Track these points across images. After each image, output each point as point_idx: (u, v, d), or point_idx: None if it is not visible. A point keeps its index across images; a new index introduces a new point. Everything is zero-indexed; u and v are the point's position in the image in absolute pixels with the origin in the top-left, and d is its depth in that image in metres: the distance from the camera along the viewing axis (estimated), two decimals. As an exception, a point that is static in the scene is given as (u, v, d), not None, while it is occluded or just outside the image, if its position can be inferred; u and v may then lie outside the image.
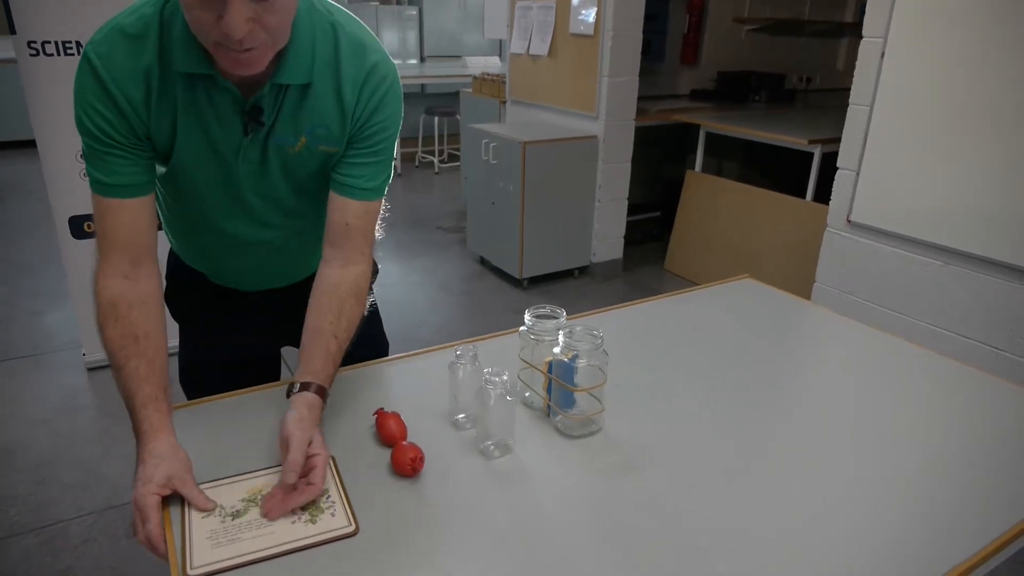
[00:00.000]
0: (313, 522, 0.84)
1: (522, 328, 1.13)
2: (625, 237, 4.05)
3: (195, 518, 0.84)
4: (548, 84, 3.98)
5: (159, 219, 1.10)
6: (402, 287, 3.83)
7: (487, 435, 1.01)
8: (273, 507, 0.85)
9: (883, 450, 1.03)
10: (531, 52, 3.99)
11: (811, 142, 3.21)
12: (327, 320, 1.03)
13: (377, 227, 1.12)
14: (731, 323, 1.47)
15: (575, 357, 1.03)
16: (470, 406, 1.06)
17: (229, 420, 1.08)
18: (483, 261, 4.14)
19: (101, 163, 0.94)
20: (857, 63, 2.39)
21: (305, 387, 0.97)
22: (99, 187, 0.95)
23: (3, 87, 5.97)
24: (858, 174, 2.44)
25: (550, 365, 1.06)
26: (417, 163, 6.92)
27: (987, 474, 0.98)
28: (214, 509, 0.86)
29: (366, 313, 1.11)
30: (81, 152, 0.97)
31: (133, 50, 0.91)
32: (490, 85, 4.73)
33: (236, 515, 0.85)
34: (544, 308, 1.14)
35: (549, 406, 1.09)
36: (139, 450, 0.89)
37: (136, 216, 0.97)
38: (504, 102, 4.50)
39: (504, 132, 3.68)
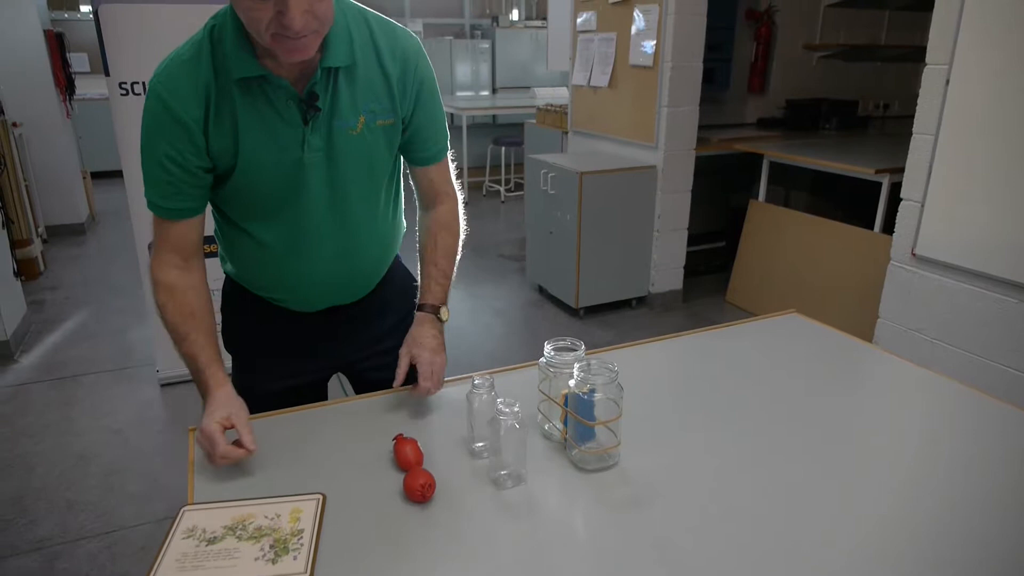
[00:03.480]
0: (274, 562, 0.84)
1: (541, 360, 1.14)
2: (687, 267, 3.99)
3: (176, 538, 0.88)
4: (608, 115, 4.00)
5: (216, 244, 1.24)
6: (458, 313, 3.89)
7: (500, 465, 1.02)
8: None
9: (924, 517, 0.98)
10: (592, 83, 4.02)
11: (879, 172, 3.09)
12: (427, 252, 1.27)
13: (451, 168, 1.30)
14: (769, 360, 1.43)
15: (592, 391, 1.03)
16: (486, 435, 1.07)
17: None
18: (541, 290, 4.16)
19: (159, 188, 1.07)
20: (921, 91, 2.30)
21: (420, 308, 1.23)
22: (154, 207, 1.09)
23: (98, 122, 6.46)
24: (923, 205, 2.33)
25: (566, 398, 1.07)
26: (484, 192, 7.05)
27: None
28: (253, 452, 1.00)
29: (463, 235, 1.31)
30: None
31: (190, 71, 1.03)
32: (553, 116, 4.79)
33: (212, 541, 0.88)
34: (564, 340, 1.15)
35: (566, 439, 1.09)
36: (205, 400, 1.07)
37: (186, 230, 1.11)
38: (566, 132, 4.55)
39: (562, 162, 3.71)
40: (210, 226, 1.26)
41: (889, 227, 2.57)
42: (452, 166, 1.30)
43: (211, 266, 1.19)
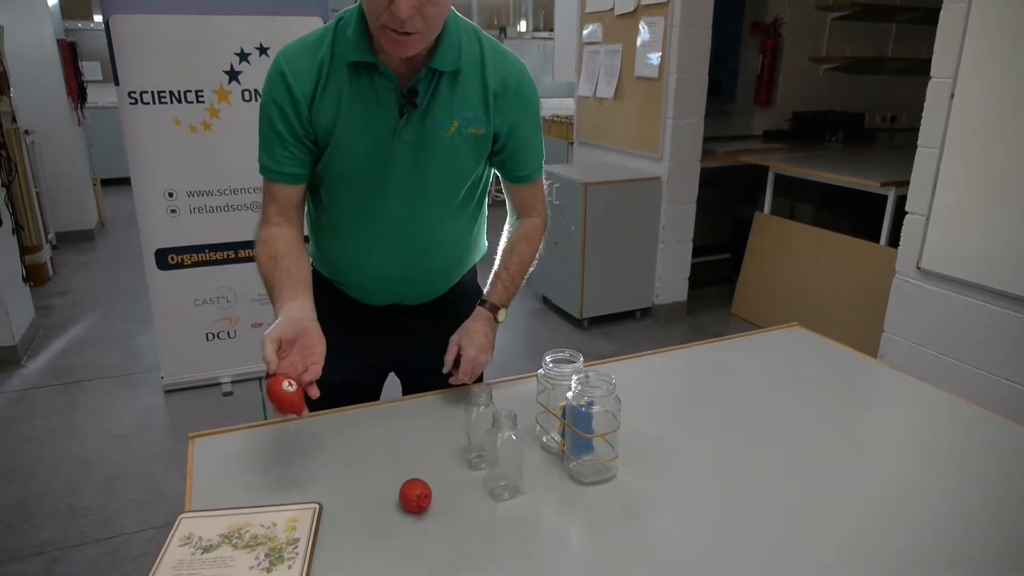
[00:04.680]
0: (269, 571, 0.84)
1: (540, 372, 1.14)
2: (692, 279, 3.98)
3: (173, 546, 0.89)
4: (614, 126, 4.01)
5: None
6: (464, 323, 3.89)
7: (497, 476, 1.02)
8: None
9: (930, 536, 0.97)
10: (597, 95, 4.04)
11: (884, 184, 3.09)
12: (503, 256, 1.33)
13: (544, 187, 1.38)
14: (771, 375, 1.42)
15: (590, 403, 1.03)
16: (484, 446, 1.07)
17: (278, 446, 1.13)
18: (545, 300, 4.16)
19: (268, 151, 1.18)
20: (925, 104, 2.30)
21: (482, 304, 1.28)
22: (264, 170, 1.20)
23: (108, 130, 6.52)
24: (928, 219, 2.32)
25: (564, 410, 1.07)
26: (491, 202, 7.05)
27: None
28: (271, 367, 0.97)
29: (540, 251, 1.38)
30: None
31: (311, 50, 1.14)
32: (559, 127, 4.81)
33: (208, 549, 0.88)
34: (563, 352, 1.15)
35: (564, 451, 1.09)
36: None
37: (288, 193, 1.21)
38: (572, 143, 4.56)
39: (567, 173, 3.72)
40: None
41: (895, 240, 2.56)
42: (545, 186, 1.38)
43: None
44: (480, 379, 1.34)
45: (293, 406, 0.98)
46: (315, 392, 1.02)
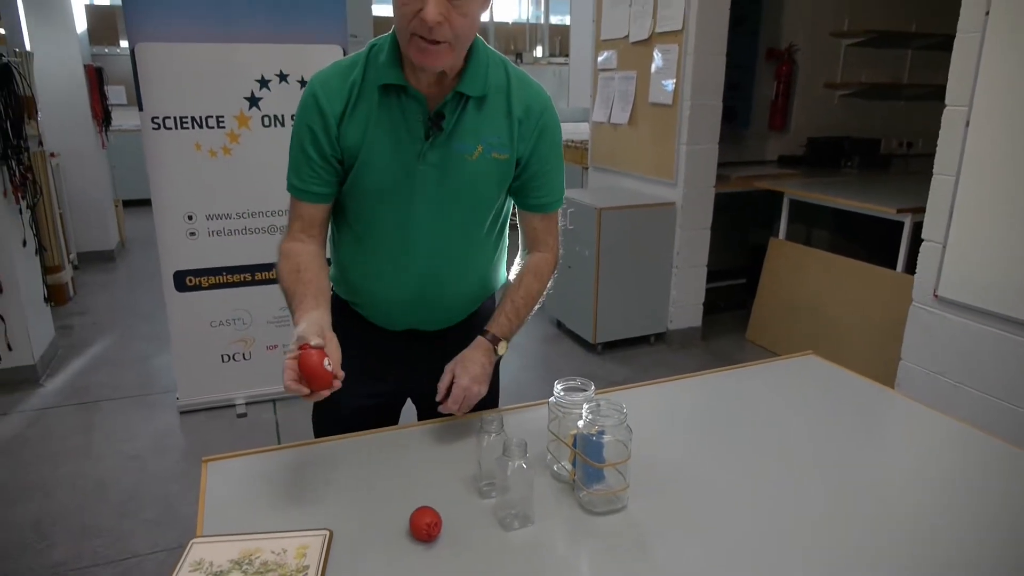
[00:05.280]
0: None
1: (551, 399, 1.14)
2: (706, 304, 3.96)
3: (184, 570, 0.89)
4: (628, 151, 4.03)
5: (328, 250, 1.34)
6: (477, 346, 3.89)
7: (507, 505, 1.02)
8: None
9: (946, 570, 0.95)
10: (612, 120, 4.07)
11: (900, 211, 3.07)
12: (511, 289, 1.34)
13: (560, 223, 1.39)
14: (785, 404, 1.41)
15: (600, 432, 1.03)
16: (494, 474, 1.07)
17: (294, 470, 1.14)
18: (559, 325, 4.16)
19: (297, 169, 1.22)
20: (940, 132, 2.29)
21: (483, 334, 1.28)
22: (291, 188, 1.25)
23: (131, 153, 6.66)
24: (945, 247, 2.31)
25: (575, 439, 1.07)
26: (512, 226, 7.09)
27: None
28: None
29: (549, 288, 1.38)
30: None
31: (343, 73, 1.19)
32: (573, 151, 4.84)
33: (218, 574, 0.88)
34: (574, 380, 1.15)
35: (574, 480, 1.08)
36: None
37: (313, 212, 1.25)
38: (586, 168, 4.59)
39: (581, 198, 3.74)
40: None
41: (912, 267, 2.54)
42: (560, 221, 1.39)
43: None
44: (483, 407, 1.29)
45: (329, 383, 1.01)
46: (337, 384, 1.05)
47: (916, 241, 2.51)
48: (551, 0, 9.21)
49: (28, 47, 4.67)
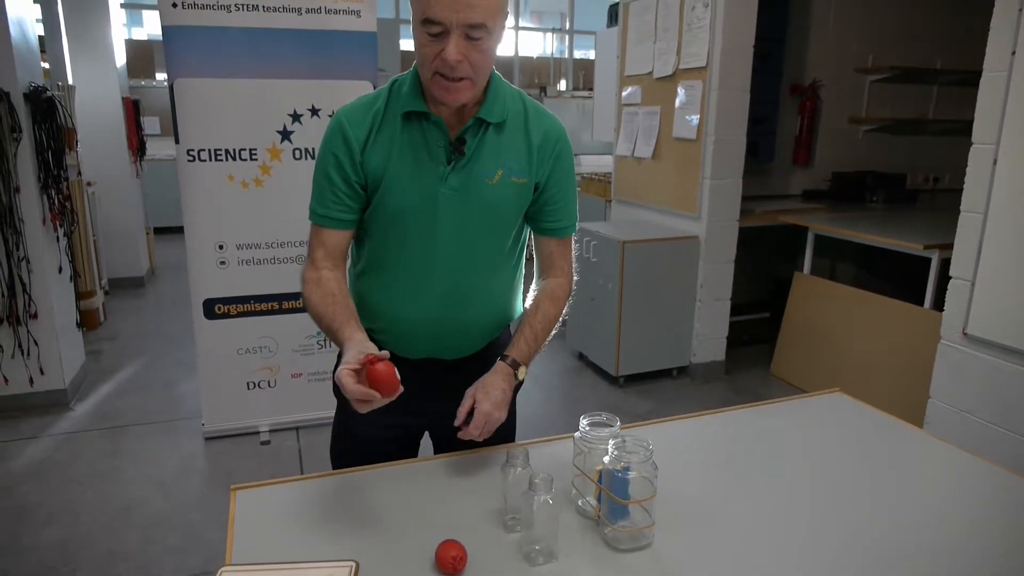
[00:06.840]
0: None
1: (576, 434, 1.15)
2: (730, 338, 3.94)
3: None
4: (652, 185, 4.06)
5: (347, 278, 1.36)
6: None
7: (532, 539, 1.02)
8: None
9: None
10: (636, 154, 4.10)
11: (927, 247, 3.05)
12: (528, 314, 1.36)
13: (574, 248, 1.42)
14: (811, 442, 1.40)
15: (626, 469, 1.03)
16: (520, 508, 1.08)
17: (320, 501, 1.15)
18: (582, 357, 4.15)
19: (321, 198, 1.27)
20: (968, 169, 2.29)
21: (503, 359, 1.29)
22: (313, 215, 1.29)
23: (163, 182, 6.85)
24: (973, 284, 2.29)
25: (600, 474, 1.07)
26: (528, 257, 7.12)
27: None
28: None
29: (565, 315, 1.40)
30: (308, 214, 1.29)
31: (368, 104, 1.25)
32: (597, 185, 4.88)
33: None
34: (600, 416, 1.15)
35: (599, 516, 1.08)
36: (343, 352, 1.14)
37: (335, 238, 1.29)
38: (610, 201, 4.62)
39: (604, 231, 3.76)
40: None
41: (940, 303, 2.51)
42: (574, 247, 1.42)
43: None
44: (501, 434, 1.28)
45: (397, 388, 1.07)
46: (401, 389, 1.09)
47: (944, 277, 2.49)
48: (575, 36, 9.37)
49: (71, 80, 4.85)
